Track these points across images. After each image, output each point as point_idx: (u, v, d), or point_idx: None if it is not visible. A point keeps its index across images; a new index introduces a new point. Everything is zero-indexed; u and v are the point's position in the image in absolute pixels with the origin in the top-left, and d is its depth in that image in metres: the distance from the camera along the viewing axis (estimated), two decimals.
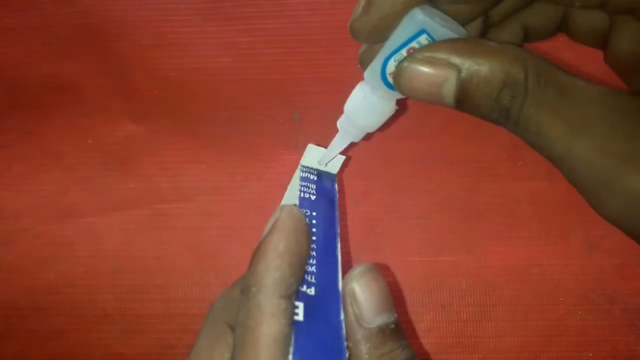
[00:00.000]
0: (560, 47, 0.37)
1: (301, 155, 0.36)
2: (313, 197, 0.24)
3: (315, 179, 0.26)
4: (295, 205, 0.22)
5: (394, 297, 0.36)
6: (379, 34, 0.19)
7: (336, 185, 0.27)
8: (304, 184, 0.25)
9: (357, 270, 0.19)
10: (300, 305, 0.18)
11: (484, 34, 0.22)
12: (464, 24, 0.20)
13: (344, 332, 0.18)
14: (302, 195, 0.24)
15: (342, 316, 0.19)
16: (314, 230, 0.22)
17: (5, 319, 0.38)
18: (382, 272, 0.21)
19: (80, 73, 0.41)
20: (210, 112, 0.40)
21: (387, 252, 0.37)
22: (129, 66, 0.41)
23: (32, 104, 0.41)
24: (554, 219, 0.36)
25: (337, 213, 0.24)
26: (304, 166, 0.27)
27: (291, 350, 0.17)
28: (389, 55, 0.19)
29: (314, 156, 0.28)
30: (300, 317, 0.18)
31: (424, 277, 0.36)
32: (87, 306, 0.37)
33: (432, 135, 0.38)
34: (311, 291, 0.19)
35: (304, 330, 0.18)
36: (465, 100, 0.17)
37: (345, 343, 0.18)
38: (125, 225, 0.38)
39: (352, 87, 0.24)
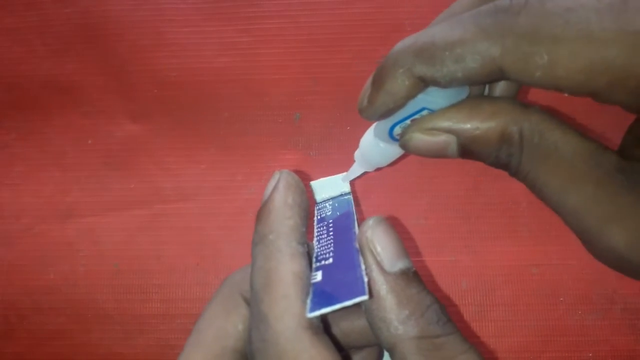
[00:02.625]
0: None
1: (301, 154, 0.36)
2: (329, 213, 0.25)
3: (331, 204, 0.27)
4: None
5: None
6: (386, 117, 0.21)
7: (351, 197, 0.27)
8: (321, 214, 0.26)
9: (370, 222, 0.20)
10: (319, 273, 0.19)
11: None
12: None
13: (363, 271, 0.18)
14: (318, 216, 0.25)
15: (362, 265, 0.19)
16: (330, 222, 0.23)
17: (5, 319, 0.38)
18: None
19: (80, 73, 0.41)
20: (210, 112, 0.40)
21: None
22: (129, 66, 0.41)
23: (32, 104, 0.41)
24: (554, 219, 0.36)
25: (353, 209, 0.25)
26: (318, 203, 0.28)
27: (311, 290, 0.18)
28: (394, 124, 0.21)
29: (322, 189, 0.28)
30: (318, 278, 0.19)
31: (424, 277, 0.36)
32: (87, 306, 0.37)
33: None
34: (328, 261, 0.20)
35: (321, 284, 0.19)
36: (468, 156, 0.19)
37: (365, 278, 0.18)
38: (125, 225, 0.38)
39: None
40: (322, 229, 0.23)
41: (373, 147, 0.24)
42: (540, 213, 0.36)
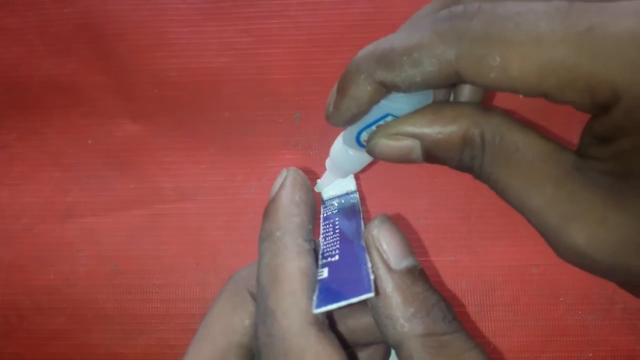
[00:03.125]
0: None
1: (301, 154, 0.36)
2: (335, 211, 0.26)
3: (337, 202, 0.27)
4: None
5: None
6: (352, 123, 0.22)
7: (357, 195, 0.27)
8: (328, 212, 0.26)
9: (375, 221, 0.20)
10: (325, 269, 0.20)
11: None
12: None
13: (369, 268, 0.19)
14: (324, 214, 0.26)
15: (368, 263, 0.19)
16: (337, 220, 0.24)
17: (5, 319, 0.38)
18: None
19: (80, 73, 0.41)
20: (210, 112, 0.40)
21: None
22: (129, 66, 0.41)
23: (32, 104, 0.41)
24: None
25: (359, 208, 0.25)
26: (324, 201, 0.28)
27: (317, 286, 0.18)
28: (360, 130, 0.22)
29: (329, 187, 0.28)
30: (324, 275, 0.19)
31: (430, 276, 0.36)
32: (87, 306, 0.37)
33: None
34: (334, 259, 0.20)
35: (327, 281, 0.19)
36: (433, 160, 0.20)
37: (371, 275, 0.18)
38: (125, 225, 0.38)
39: None
40: (328, 226, 0.24)
41: (343, 154, 0.25)
42: None
